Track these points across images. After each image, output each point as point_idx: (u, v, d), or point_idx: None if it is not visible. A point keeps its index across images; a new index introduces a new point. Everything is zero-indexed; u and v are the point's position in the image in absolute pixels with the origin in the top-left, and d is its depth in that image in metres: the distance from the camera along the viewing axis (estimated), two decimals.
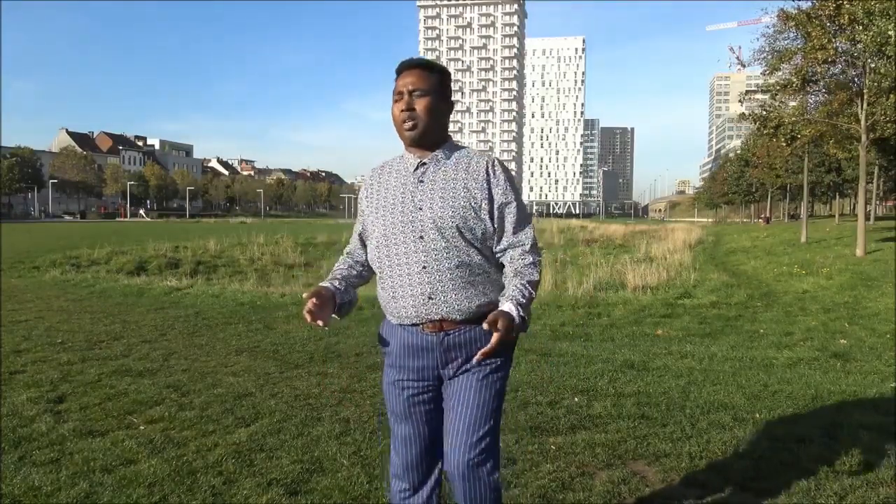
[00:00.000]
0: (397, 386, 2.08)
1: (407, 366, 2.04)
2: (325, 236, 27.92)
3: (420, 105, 1.95)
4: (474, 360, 1.90)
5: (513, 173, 2.07)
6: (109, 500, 2.93)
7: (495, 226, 1.97)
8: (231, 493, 3.01)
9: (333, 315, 2.02)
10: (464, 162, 2.00)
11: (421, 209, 1.95)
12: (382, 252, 2.01)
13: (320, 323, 1.92)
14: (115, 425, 3.91)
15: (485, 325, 1.85)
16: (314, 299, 1.93)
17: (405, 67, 2.01)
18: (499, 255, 2.00)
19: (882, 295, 9.81)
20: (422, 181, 1.99)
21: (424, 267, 1.94)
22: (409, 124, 1.96)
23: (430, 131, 1.98)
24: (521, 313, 1.87)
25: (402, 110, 1.96)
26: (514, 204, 1.98)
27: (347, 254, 2.22)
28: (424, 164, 2.00)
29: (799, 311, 8.82)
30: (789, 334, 7.15)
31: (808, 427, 3.91)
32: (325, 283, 2.07)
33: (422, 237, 1.94)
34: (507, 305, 1.89)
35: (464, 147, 2.06)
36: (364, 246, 2.16)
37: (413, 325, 1.99)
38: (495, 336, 1.82)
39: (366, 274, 2.18)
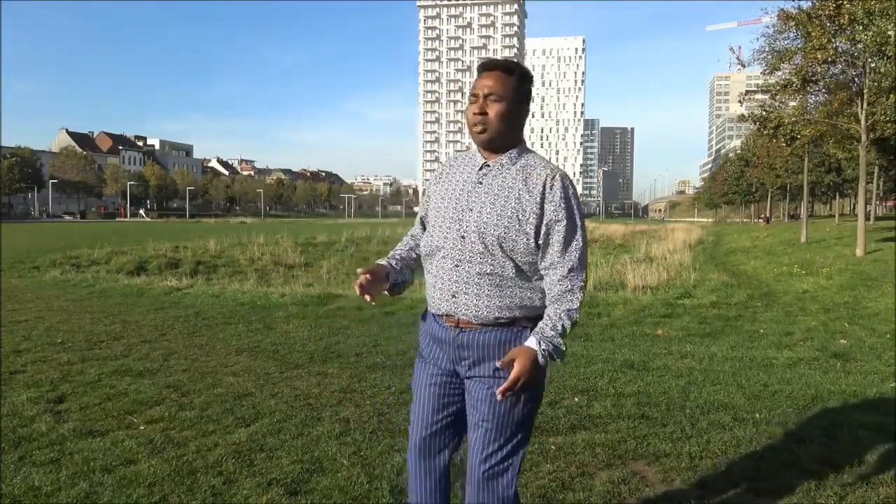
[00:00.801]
0: (420, 363, 2.15)
1: (429, 351, 2.10)
2: (324, 236, 27.92)
3: (493, 110, 1.92)
4: (498, 397, 1.89)
5: (577, 190, 2.00)
6: (109, 500, 2.93)
7: (540, 242, 1.92)
8: (231, 493, 3.01)
9: (385, 292, 2.10)
10: (525, 172, 1.95)
11: (471, 210, 1.95)
12: (431, 241, 2.04)
13: (367, 297, 2.01)
14: (115, 425, 3.91)
15: (499, 364, 1.88)
16: (367, 275, 2.00)
17: (485, 69, 1.97)
18: (542, 272, 1.96)
19: (882, 295, 9.81)
20: (480, 183, 1.98)
21: (457, 265, 1.95)
22: (478, 129, 1.94)
23: (498, 137, 1.95)
24: (545, 347, 1.86)
25: (475, 114, 1.93)
26: (565, 223, 1.91)
27: (411, 236, 2.26)
28: (488, 165, 1.99)
29: (799, 311, 8.82)
30: (789, 334, 7.15)
31: (808, 427, 3.91)
32: (382, 261, 2.13)
33: (463, 237, 1.95)
34: (531, 340, 1.88)
35: (533, 154, 2.02)
36: (424, 229, 2.18)
37: (438, 314, 2.04)
38: (512, 375, 1.85)
39: (415, 257, 2.22)
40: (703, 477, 3.21)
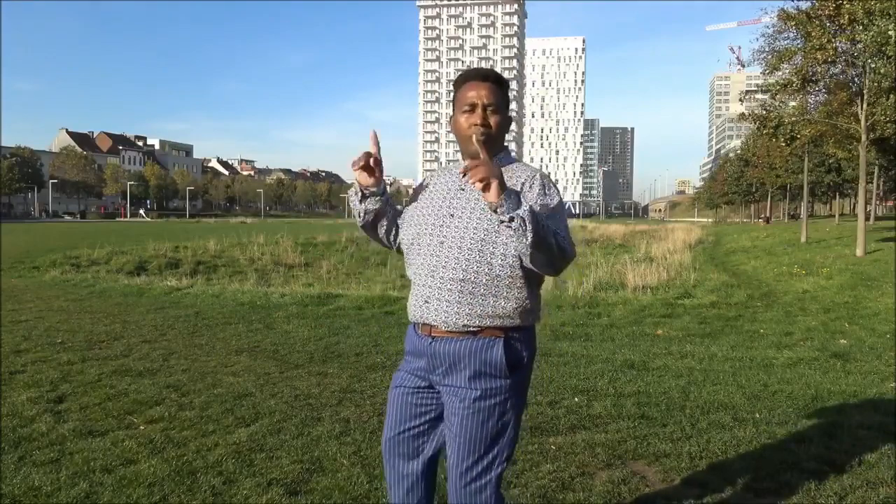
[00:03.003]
0: (401, 369, 2.13)
1: (409, 360, 2.09)
2: (325, 236, 27.88)
3: (494, 121, 1.93)
4: (467, 177, 1.70)
5: (557, 188, 1.97)
6: (109, 500, 2.93)
7: None
8: (231, 493, 3.01)
9: (372, 188, 2.01)
10: (506, 175, 1.92)
11: (452, 215, 1.94)
12: (412, 251, 2.02)
13: (366, 175, 1.96)
14: (115, 425, 3.91)
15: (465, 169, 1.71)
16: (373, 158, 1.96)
17: (479, 78, 1.97)
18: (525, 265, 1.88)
19: (882, 295, 9.81)
20: (462, 189, 1.97)
21: (432, 272, 1.94)
22: (484, 140, 1.91)
23: (496, 146, 1.96)
24: (521, 206, 1.69)
25: (476, 125, 1.92)
26: (548, 212, 1.86)
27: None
28: None
29: (799, 311, 8.82)
30: (789, 334, 7.15)
31: (808, 427, 3.91)
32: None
33: (442, 243, 1.93)
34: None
35: (516, 161, 2.01)
36: (398, 222, 2.11)
37: (415, 323, 2.03)
38: (480, 161, 1.69)
39: (389, 224, 2.11)
40: (703, 477, 3.21)
